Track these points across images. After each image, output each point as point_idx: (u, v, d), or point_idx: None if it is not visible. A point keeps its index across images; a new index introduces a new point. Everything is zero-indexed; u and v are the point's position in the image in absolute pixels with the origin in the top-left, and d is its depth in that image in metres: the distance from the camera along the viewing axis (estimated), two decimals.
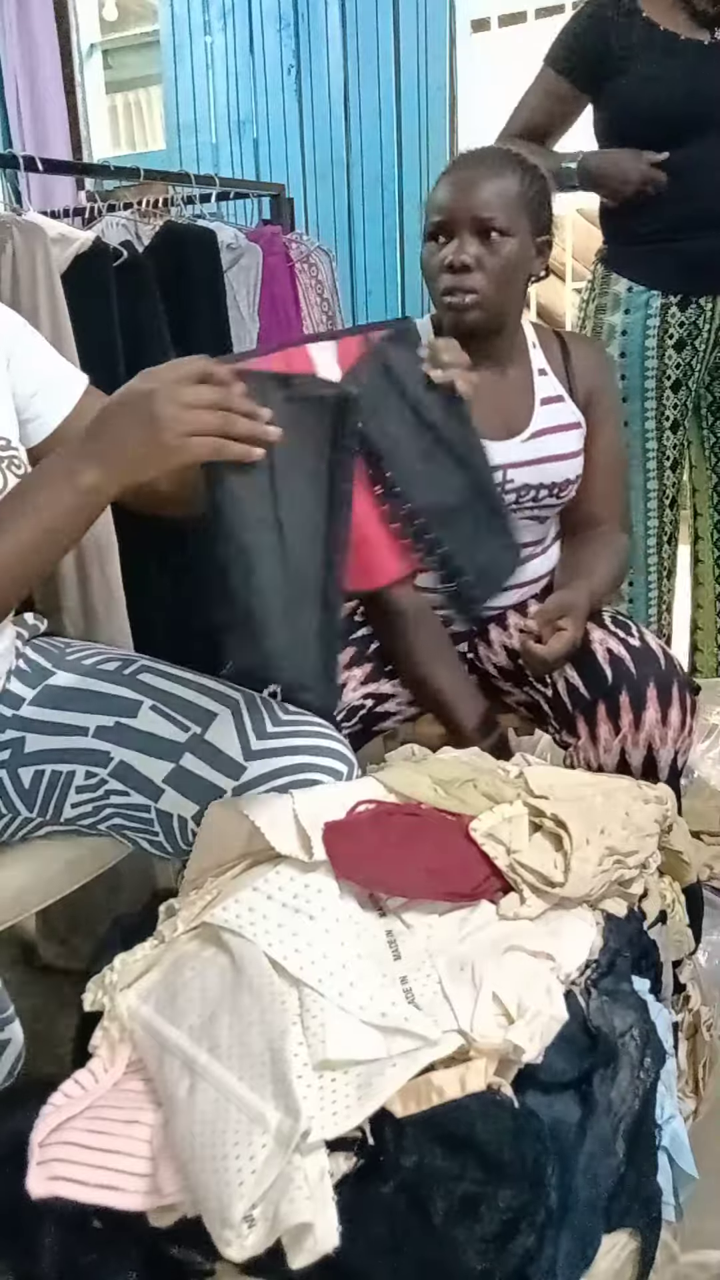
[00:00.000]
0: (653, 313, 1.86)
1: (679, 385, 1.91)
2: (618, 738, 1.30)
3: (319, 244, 2.17)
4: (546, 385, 1.47)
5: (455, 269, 1.33)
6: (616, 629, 1.38)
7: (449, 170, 1.41)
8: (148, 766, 1.08)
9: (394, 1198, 0.69)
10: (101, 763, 1.09)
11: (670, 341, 1.87)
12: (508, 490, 1.42)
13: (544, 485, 1.45)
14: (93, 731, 1.10)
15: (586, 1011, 0.83)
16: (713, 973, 1.39)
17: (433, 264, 1.37)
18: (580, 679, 1.35)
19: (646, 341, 1.87)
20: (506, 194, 1.34)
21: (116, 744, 1.09)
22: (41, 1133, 0.74)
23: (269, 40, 3.02)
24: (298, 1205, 0.65)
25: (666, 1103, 0.89)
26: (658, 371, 1.89)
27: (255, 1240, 0.65)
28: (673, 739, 1.30)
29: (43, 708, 1.12)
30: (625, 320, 1.88)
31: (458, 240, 1.34)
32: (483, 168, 1.37)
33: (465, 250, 1.33)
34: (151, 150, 3.87)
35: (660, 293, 1.86)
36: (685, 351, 1.89)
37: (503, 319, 1.40)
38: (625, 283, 1.88)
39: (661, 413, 1.92)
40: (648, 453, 1.94)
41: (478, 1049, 0.76)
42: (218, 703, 1.11)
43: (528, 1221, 0.70)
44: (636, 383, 1.90)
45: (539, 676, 1.39)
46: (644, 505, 1.96)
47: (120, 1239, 0.72)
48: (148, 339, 1.66)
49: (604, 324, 1.92)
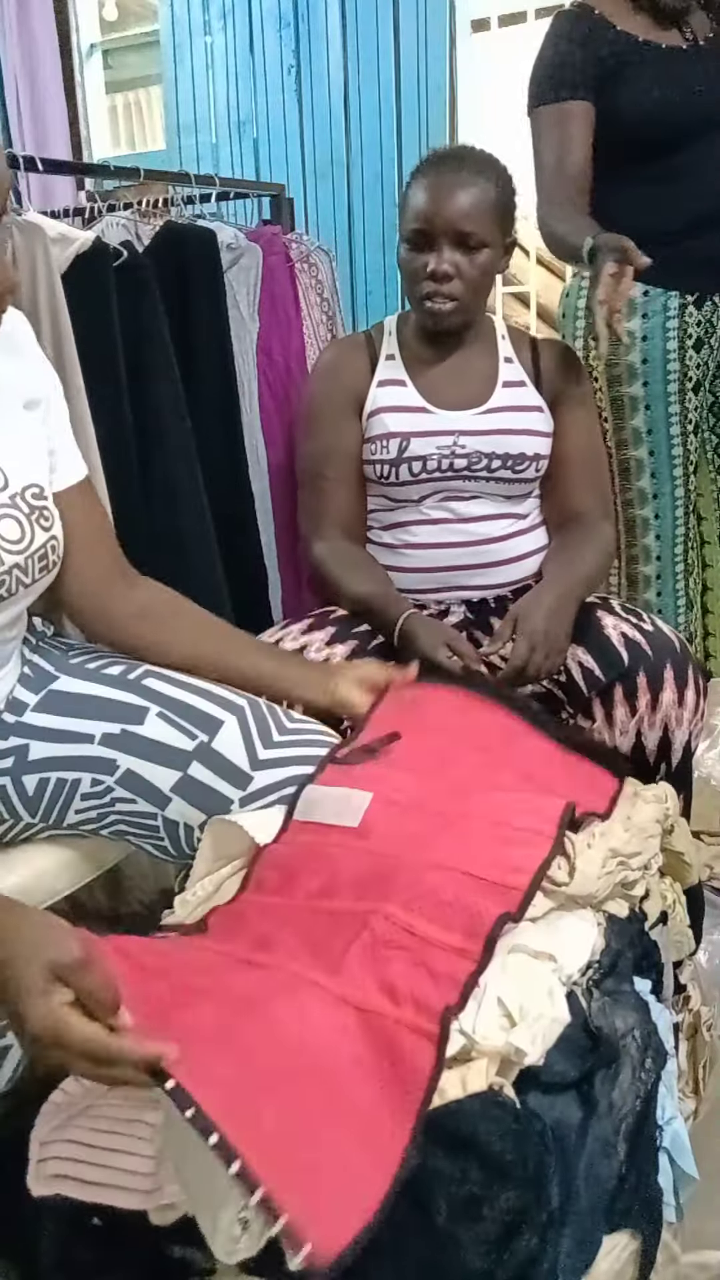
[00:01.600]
0: (671, 314, 1.83)
1: (699, 386, 1.90)
2: (634, 719, 1.33)
3: (319, 244, 2.17)
4: (510, 371, 1.59)
5: (436, 278, 1.46)
6: (628, 615, 1.43)
7: (426, 172, 1.49)
8: (155, 775, 1.08)
9: (395, 1198, 0.69)
10: (108, 770, 1.09)
11: (690, 342, 1.85)
12: (460, 455, 1.52)
13: (497, 455, 1.53)
14: (99, 739, 1.09)
15: (588, 1012, 0.83)
16: (713, 973, 1.39)
17: (413, 268, 1.48)
18: (596, 662, 1.38)
19: (668, 344, 1.84)
20: (484, 204, 1.46)
21: (123, 752, 1.09)
22: (42, 1131, 0.74)
23: (269, 40, 3.02)
24: None
25: (667, 1103, 0.89)
26: (680, 374, 1.86)
27: (248, 1242, 0.65)
28: (688, 720, 1.35)
29: (47, 714, 1.11)
30: (644, 325, 1.83)
31: (437, 250, 1.45)
32: (463, 174, 1.46)
33: (445, 260, 1.45)
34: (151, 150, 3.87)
35: (678, 293, 1.83)
36: (704, 351, 1.88)
37: (474, 315, 1.56)
38: (641, 287, 1.78)
39: (685, 415, 1.89)
40: (674, 459, 1.90)
41: (479, 1050, 0.76)
42: (224, 709, 1.11)
43: (529, 1222, 0.70)
44: (659, 387, 1.86)
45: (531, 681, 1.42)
46: (672, 511, 1.92)
47: (121, 1238, 0.72)
48: (148, 339, 1.66)
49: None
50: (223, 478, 1.79)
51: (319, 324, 2.08)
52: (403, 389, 1.57)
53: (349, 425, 1.58)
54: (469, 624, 1.56)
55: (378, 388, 1.57)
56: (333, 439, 1.59)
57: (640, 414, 1.87)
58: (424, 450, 1.53)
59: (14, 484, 1.03)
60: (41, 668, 1.16)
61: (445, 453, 1.53)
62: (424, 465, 1.53)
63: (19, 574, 1.02)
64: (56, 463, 1.12)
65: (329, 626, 1.49)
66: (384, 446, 1.54)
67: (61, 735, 1.10)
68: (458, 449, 1.53)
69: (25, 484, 1.04)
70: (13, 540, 1.01)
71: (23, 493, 1.03)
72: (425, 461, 1.53)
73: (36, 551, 1.04)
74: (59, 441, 1.13)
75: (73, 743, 1.10)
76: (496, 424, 1.54)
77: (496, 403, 1.56)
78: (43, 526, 1.05)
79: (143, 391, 1.64)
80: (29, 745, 1.10)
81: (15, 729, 1.11)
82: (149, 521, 1.63)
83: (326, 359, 1.67)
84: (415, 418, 1.55)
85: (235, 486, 1.87)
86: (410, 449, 1.53)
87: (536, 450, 1.56)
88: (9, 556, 1.01)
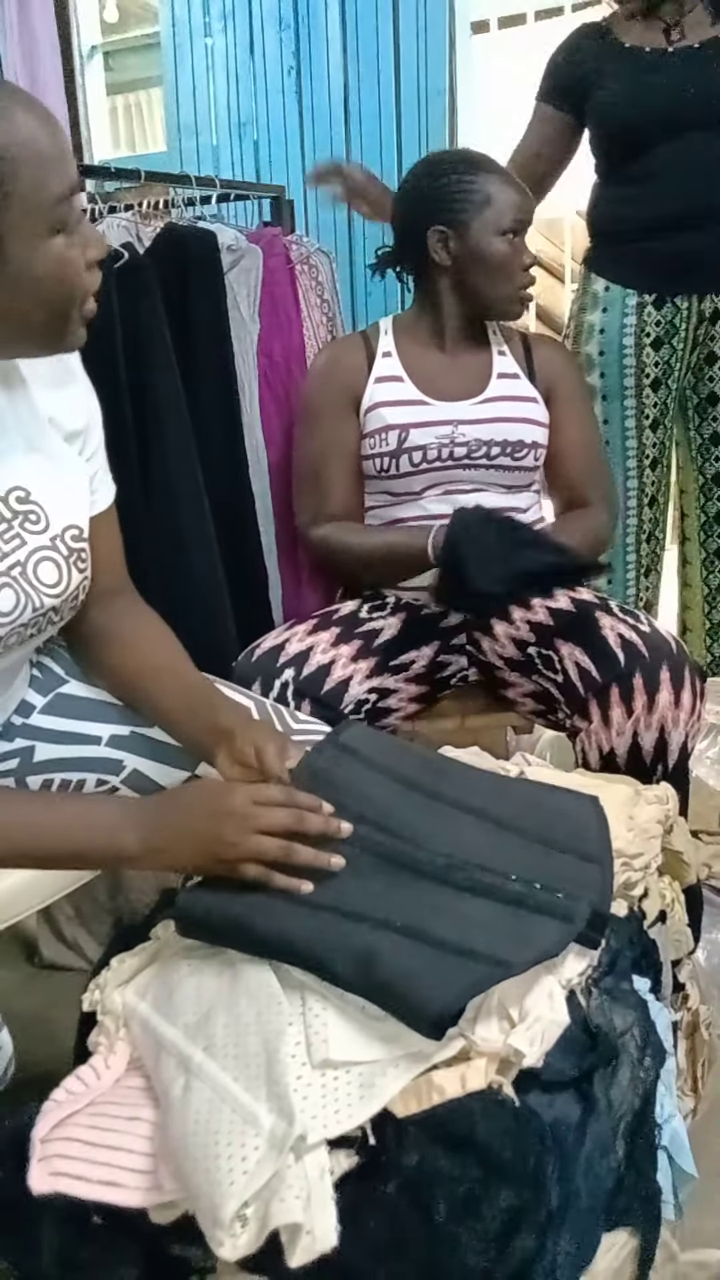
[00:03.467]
0: (629, 311, 1.90)
1: (659, 384, 1.93)
2: (631, 720, 1.33)
3: (319, 245, 2.17)
4: (504, 363, 1.63)
5: (528, 268, 1.55)
6: (625, 616, 1.44)
7: (489, 168, 1.55)
8: (163, 775, 1.08)
9: (394, 1197, 0.69)
10: (114, 770, 1.09)
11: (648, 340, 1.90)
12: (459, 444, 1.55)
13: (496, 442, 1.56)
14: (106, 740, 1.10)
15: (587, 1011, 0.83)
16: (712, 972, 1.39)
17: (516, 261, 1.55)
18: (592, 663, 1.38)
19: (624, 340, 1.90)
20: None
21: (130, 752, 1.09)
22: (43, 1129, 0.74)
23: (269, 41, 3.02)
24: (288, 1205, 0.65)
25: (666, 1102, 0.89)
26: (636, 369, 1.92)
27: (247, 1240, 0.65)
28: (685, 721, 1.35)
29: (54, 716, 1.11)
30: (603, 319, 1.92)
31: (523, 241, 1.54)
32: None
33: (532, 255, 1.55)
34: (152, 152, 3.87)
35: (636, 292, 1.89)
36: (664, 350, 1.91)
37: None
38: (603, 282, 1.92)
39: (641, 411, 1.94)
40: (628, 451, 1.97)
41: (479, 1051, 0.76)
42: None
43: (528, 1221, 0.70)
44: (615, 381, 1.93)
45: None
46: (624, 504, 1.98)
47: (121, 1235, 0.72)
48: (149, 340, 1.66)
49: (584, 323, 1.96)
50: (223, 478, 1.79)
51: (319, 325, 2.08)
52: (400, 384, 1.58)
53: (347, 422, 1.59)
54: (467, 624, 1.56)
55: (375, 384, 1.59)
56: (331, 436, 1.60)
57: (598, 404, 1.93)
58: (423, 440, 1.54)
59: (55, 525, 1.00)
60: (51, 670, 1.16)
61: (445, 441, 1.54)
62: (424, 455, 1.54)
63: (51, 614, 1.01)
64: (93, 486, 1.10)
65: (333, 627, 1.49)
66: (383, 439, 1.55)
67: (68, 737, 1.10)
68: (457, 438, 1.55)
69: (65, 525, 1.01)
70: (51, 584, 0.99)
71: (63, 534, 1.00)
72: (425, 451, 1.54)
73: (71, 593, 1.02)
74: (96, 464, 1.11)
75: (79, 744, 1.10)
76: (494, 413, 1.57)
77: (493, 393, 1.59)
78: (79, 569, 1.02)
79: (143, 392, 1.65)
80: (34, 747, 1.10)
81: (22, 731, 1.11)
82: (149, 521, 1.63)
83: (323, 358, 1.69)
84: (414, 410, 1.56)
85: (235, 486, 1.87)
86: (410, 439, 1.54)
87: (534, 438, 1.59)
88: (46, 599, 0.99)
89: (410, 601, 1.57)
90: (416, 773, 1.01)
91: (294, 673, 1.42)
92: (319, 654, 1.44)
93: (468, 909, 0.85)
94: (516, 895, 0.85)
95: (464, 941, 0.80)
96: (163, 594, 1.77)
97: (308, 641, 1.46)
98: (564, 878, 0.88)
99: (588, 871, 0.91)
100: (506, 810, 0.98)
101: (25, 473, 0.98)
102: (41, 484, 0.99)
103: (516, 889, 0.86)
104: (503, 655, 1.51)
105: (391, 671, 1.48)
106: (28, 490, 0.98)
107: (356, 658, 1.45)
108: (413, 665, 1.50)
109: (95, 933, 1.65)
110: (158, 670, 1.09)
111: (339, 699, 1.41)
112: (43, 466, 1.00)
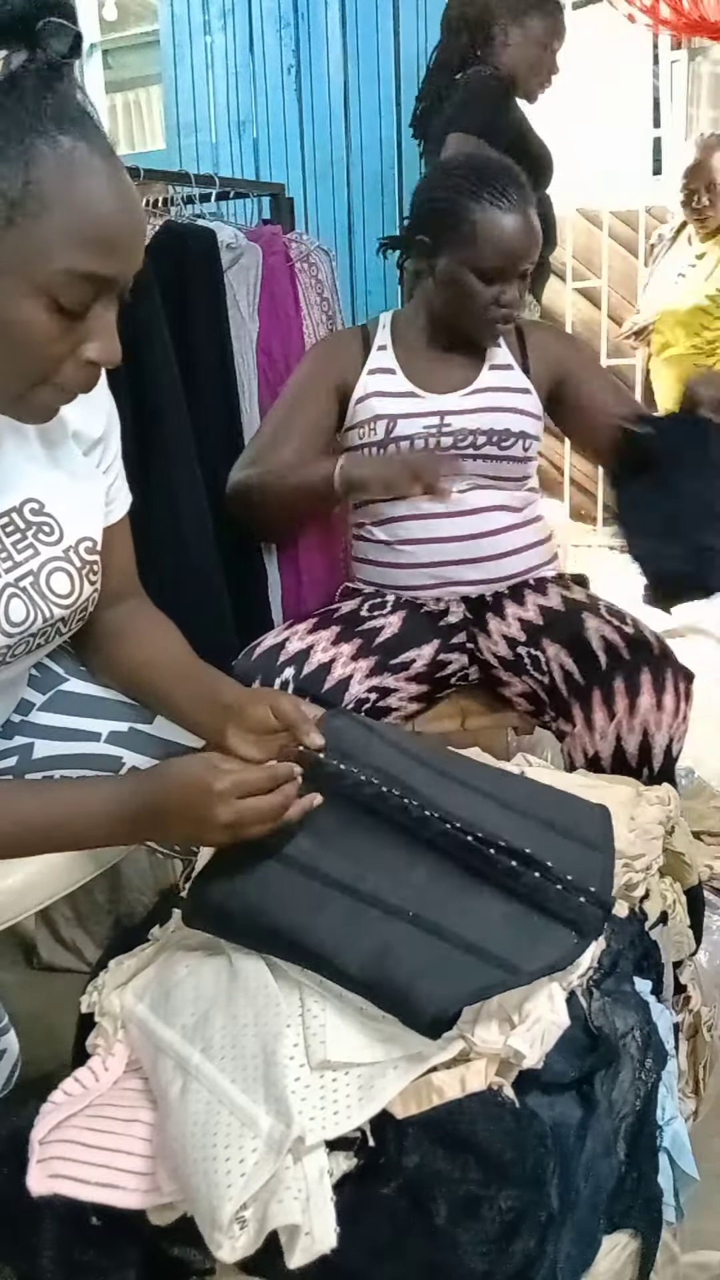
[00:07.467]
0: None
1: None
2: (613, 723, 1.33)
3: (319, 244, 2.17)
4: (497, 355, 1.61)
5: (505, 306, 1.51)
6: (611, 617, 1.44)
7: (494, 201, 1.47)
8: None
9: (394, 1198, 0.69)
10: (113, 768, 1.09)
11: None
12: (446, 434, 1.54)
13: (482, 431, 1.54)
14: (106, 737, 1.09)
15: (588, 1012, 0.83)
16: (713, 973, 1.39)
17: (485, 299, 1.51)
18: (576, 666, 1.39)
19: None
20: (538, 238, 1.52)
21: (129, 749, 1.09)
22: (41, 1130, 0.74)
23: (269, 40, 3.02)
24: (286, 1206, 0.65)
25: (668, 1104, 0.89)
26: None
27: (245, 1241, 0.65)
28: (668, 724, 1.34)
29: (53, 713, 1.11)
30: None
31: (507, 281, 1.50)
32: (525, 208, 1.50)
33: (515, 290, 1.52)
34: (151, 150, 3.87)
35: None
36: None
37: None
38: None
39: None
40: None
41: (479, 1052, 0.76)
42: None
43: (529, 1222, 0.70)
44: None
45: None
46: None
47: (119, 1237, 0.72)
48: (147, 338, 1.66)
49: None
50: (223, 478, 1.79)
51: (319, 324, 2.08)
52: (391, 376, 1.59)
53: (324, 402, 1.61)
54: (468, 623, 1.56)
55: (368, 375, 1.60)
56: (302, 405, 1.61)
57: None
58: (410, 430, 1.54)
59: (69, 536, 1.00)
60: (50, 668, 1.16)
61: (431, 432, 1.54)
62: (411, 446, 1.54)
63: (60, 625, 1.01)
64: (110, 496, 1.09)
65: (333, 626, 1.49)
66: (371, 429, 1.56)
67: (67, 734, 1.10)
68: (444, 429, 1.54)
69: (79, 537, 1.01)
70: (62, 595, 0.99)
71: (76, 546, 1.00)
72: (412, 442, 1.54)
73: (80, 605, 1.02)
74: (113, 474, 1.10)
75: (79, 741, 1.10)
76: (482, 403, 1.56)
77: (483, 384, 1.58)
78: (90, 581, 1.02)
79: (142, 391, 1.64)
80: (34, 744, 1.10)
81: (20, 728, 1.11)
82: (149, 522, 1.63)
83: (321, 344, 1.72)
84: (403, 401, 1.57)
85: None
86: (397, 429, 1.55)
87: (523, 428, 1.56)
88: (57, 610, 0.98)
89: (410, 600, 1.57)
90: (424, 754, 1.02)
91: (294, 671, 1.42)
92: (319, 653, 1.44)
93: (484, 901, 0.84)
94: (532, 888, 0.84)
95: (476, 939, 0.80)
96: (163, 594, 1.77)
97: (308, 640, 1.46)
98: (568, 862, 0.88)
99: (591, 859, 0.91)
100: (511, 795, 0.99)
101: (42, 485, 0.98)
102: (57, 496, 0.99)
103: (533, 880, 0.85)
104: (496, 654, 1.51)
105: (391, 670, 1.48)
106: (42, 502, 0.98)
107: (356, 656, 1.45)
108: (413, 664, 1.50)
109: (94, 934, 1.64)
110: (161, 661, 1.10)
111: (339, 698, 1.41)
112: (60, 479, 1.00)
